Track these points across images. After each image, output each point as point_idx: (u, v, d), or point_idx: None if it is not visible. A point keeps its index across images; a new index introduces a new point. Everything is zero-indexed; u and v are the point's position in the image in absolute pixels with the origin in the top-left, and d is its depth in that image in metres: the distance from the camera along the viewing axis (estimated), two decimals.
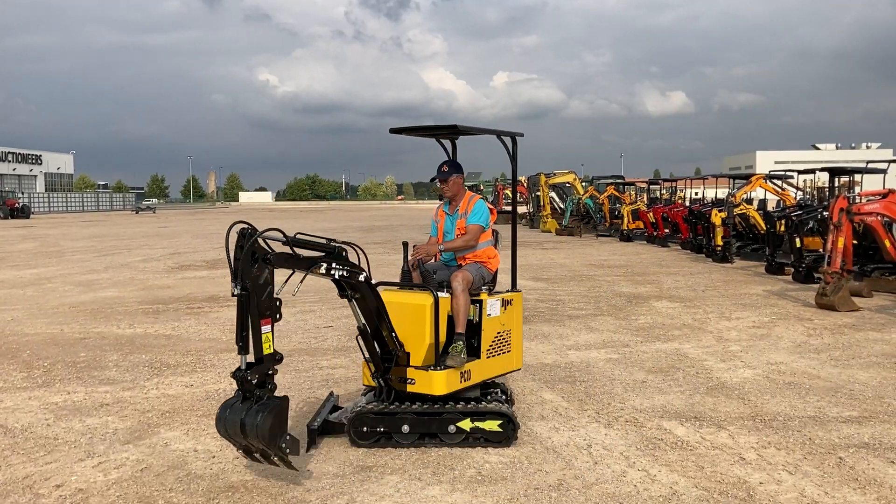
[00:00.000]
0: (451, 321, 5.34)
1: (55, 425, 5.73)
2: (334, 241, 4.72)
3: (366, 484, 4.55)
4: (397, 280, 5.60)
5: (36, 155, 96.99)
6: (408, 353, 5.17)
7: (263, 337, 4.19)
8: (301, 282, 4.48)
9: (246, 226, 4.17)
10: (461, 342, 5.25)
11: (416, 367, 5.15)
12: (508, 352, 5.66)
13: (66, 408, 6.18)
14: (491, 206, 5.83)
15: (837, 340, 8.68)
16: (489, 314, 5.44)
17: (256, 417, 4.11)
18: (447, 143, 6.15)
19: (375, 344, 5.13)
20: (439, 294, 5.22)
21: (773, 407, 6.08)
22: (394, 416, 5.14)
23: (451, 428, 5.13)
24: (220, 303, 11.69)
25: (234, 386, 4.20)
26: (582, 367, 7.43)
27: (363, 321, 5.04)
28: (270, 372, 4.26)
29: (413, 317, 5.19)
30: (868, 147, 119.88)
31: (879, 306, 11.12)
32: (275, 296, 4.24)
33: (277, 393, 4.34)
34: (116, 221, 51.42)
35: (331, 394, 5.97)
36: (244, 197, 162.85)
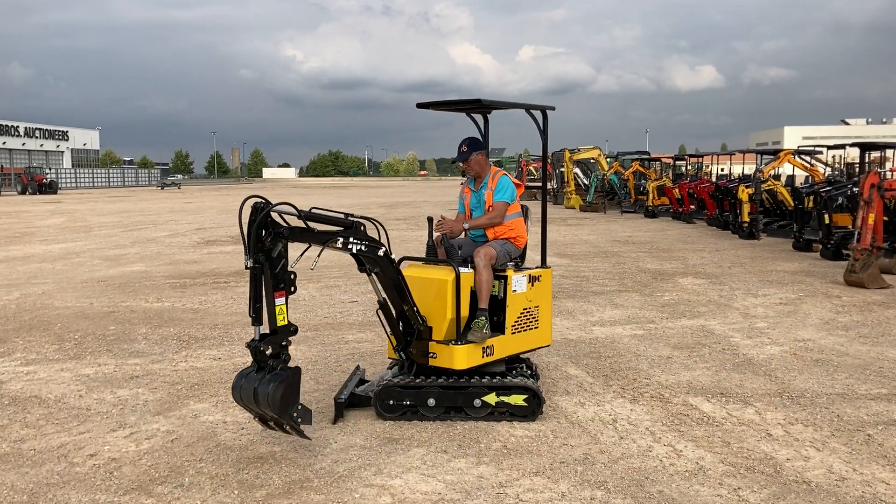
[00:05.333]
0: (474, 296, 5.33)
1: (87, 396, 5.84)
2: (352, 215, 4.72)
3: (392, 456, 4.59)
4: (422, 256, 5.60)
5: (62, 131, 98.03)
6: (430, 328, 5.20)
7: (277, 309, 4.27)
8: (318, 256, 4.52)
9: (260, 200, 4.21)
10: (483, 318, 5.23)
11: (438, 342, 5.18)
12: (536, 328, 5.61)
13: (97, 379, 6.29)
14: (517, 181, 5.75)
15: (866, 318, 8.57)
16: (514, 290, 5.41)
17: (269, 387, 4.19)
18: (479, 118, 6.09)
19: (396, 317, 5.19)
20: (462, 269, 5.22)
21: (800, 384, 6.04)
22: (420, 389, 5.17)
23: (477, 402, 5.15)
24: (246, 277, 11.74)
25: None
26: (607, 343, 7.42)
27: (383, 295, 5.12)
28: (284, 343, 4.32)
29: (435, 291, 5.21)
30: None
31: None
32: (289, 269, 4.30)
33: (293, 364, 4.38)
34: (142, 197, 51.91)
35: (357, 367, 6.02)
36: (268, 173, 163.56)
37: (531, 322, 5.57)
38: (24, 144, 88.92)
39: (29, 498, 4.07)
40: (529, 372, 5.67)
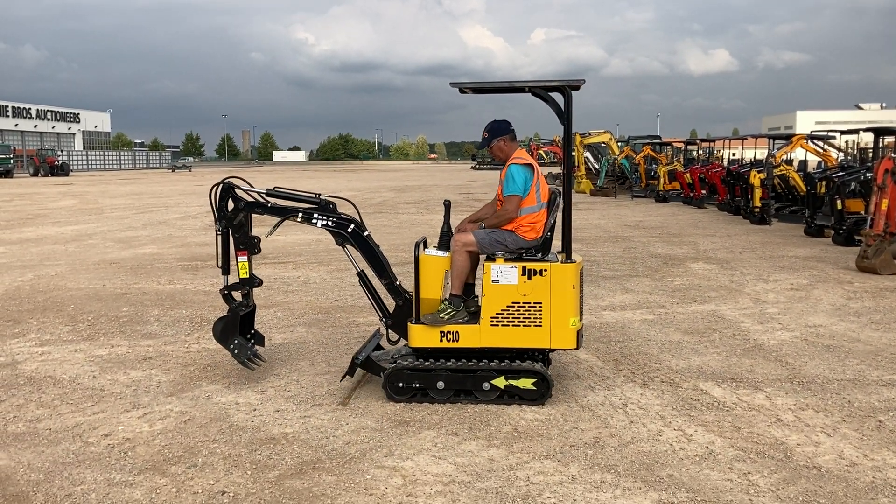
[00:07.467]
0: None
1: (101, 377, 5.90)
2: (320, 195, 5.40)
3: (403, 438, 4.62)
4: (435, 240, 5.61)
5: (74, 113, 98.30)
6: (411, 303, 5.41)
7: (240, 264, 5.45)
8: (275, 227, 5.55)
9: (227, 180, 5.37)
10: (446, 303, 5.27)
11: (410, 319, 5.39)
12: (538, 325, 5.16)
13: (110, 360, 6.35)
14: (528, 160, 5.35)
15: (878, 304, 8.54)
16: (495, 280, 5.20)
17: (216, 322, 5.56)
18: (556, 96, 5.51)
19: (375, 288, 5.59)
20: (429, 252, 5.35)
21: (811, 369, 6.03)
22: (429, 372, 5.20)
23: (486, 385, 5.17)
24: (256, 260, 11.80)
25: (275, 342, 4.32)
26: (617, 328, 7.42)
27: (359, 267, 5.56)
28: (243, 291, 5.52)
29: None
30: None
31: None
32: (251, 234, 5.46)
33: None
34: (153, 179, 52.05)
35: (377, 331, 6.10)
36: (278, 156, 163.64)
37: (526, 318, 5.17)
38: (36, 127, 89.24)
39: (45, 476, 4.13)
40: (541, 357, 5.67)
